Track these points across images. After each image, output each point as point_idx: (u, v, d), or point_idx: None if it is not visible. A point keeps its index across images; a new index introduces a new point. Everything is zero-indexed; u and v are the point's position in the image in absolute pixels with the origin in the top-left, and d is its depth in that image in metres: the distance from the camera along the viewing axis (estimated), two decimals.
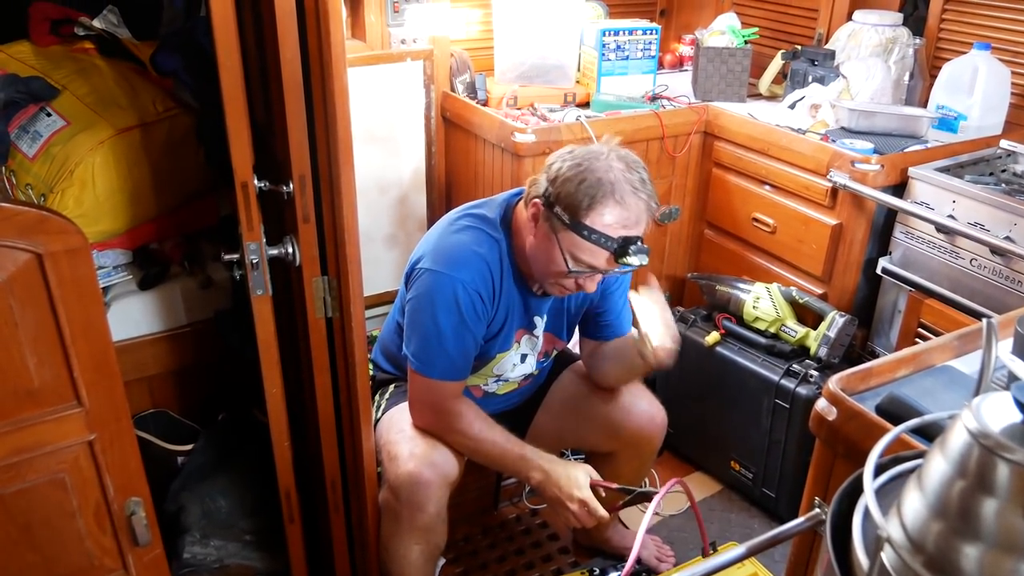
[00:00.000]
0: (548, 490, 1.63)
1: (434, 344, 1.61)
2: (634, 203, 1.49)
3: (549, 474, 1.62)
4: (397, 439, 1.70)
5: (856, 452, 1.08)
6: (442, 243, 1.65)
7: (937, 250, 2.07)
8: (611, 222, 1.49)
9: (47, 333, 1.20)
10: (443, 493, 1.67)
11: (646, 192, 1.52)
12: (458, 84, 2.52)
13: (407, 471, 1.62)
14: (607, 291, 1.79)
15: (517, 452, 1.66)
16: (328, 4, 1.28)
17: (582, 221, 1.49)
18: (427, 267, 1.62)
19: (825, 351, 2.16)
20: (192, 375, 2.15)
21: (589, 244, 1.50)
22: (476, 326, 1.62)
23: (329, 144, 1.40)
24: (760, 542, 0.98)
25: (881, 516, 0.66)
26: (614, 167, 1.50)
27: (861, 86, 2.44)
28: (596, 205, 1.48)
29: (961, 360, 1.27)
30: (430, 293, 1.60)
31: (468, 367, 1.67)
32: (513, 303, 1.69)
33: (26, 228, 1.14)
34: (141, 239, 2.05)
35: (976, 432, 0.64)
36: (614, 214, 1.48)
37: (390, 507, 1.69)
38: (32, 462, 1.26)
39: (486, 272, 1.61)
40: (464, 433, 1.66)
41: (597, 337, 1.85)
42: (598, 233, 1.48)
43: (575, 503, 1.60)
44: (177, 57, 2.00)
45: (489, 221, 1.66)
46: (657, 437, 1.90)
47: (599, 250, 1.50)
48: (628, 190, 1.49)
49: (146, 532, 1.39)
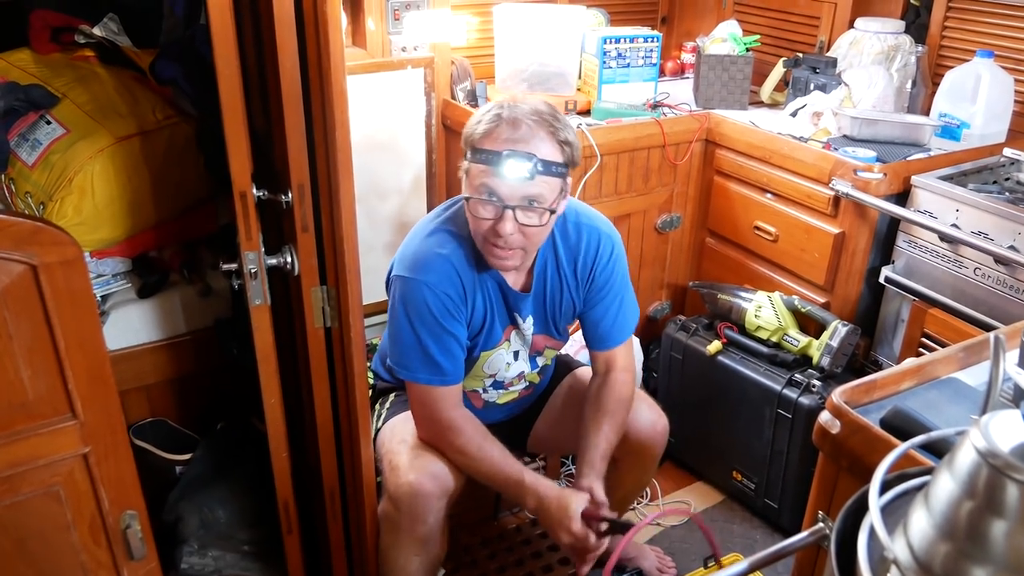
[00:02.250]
0: (541, 518, 1.64)
1: (415, 350, 1.61)
2: (525, 126, 1.50)
3: (542, 502, 1.61)
4: (398, 449, 1.69)
5: (860, 466, 1.07)
6: (409, 248, 1.67)
7: (940, 259, 2.05)
8: (496, 138, 1.50)
9: (41, 345, 1.19)
10: (443, 504, 1.65)
11: (549, 121, 1.52)
12: (459, 92, 2.52)
13: (408, 482, 1.61)
14: (590, 299, 1.76)
15: (515, 477, 1.64)
16: (327, 13, 1.27)
17: (475, 147, 1.53)
18: (396, 274, 1.64)
19: (828, 361, 2.15)
20: (191, 384, 2.14)
21: (479, 165, 1.52)
22: (453, 326, 1.62)
23: (328, 154, 1.39)
24: (763, 556, 0.97)
25: (887, 537, 0.65)
26: (518, 107, 1.53)
27: (863, 94, 2.43)
28: (487, 128, 1.52)
29: (966, 372, 1.26)
30: (402, 300, 1.62)
31: (457, 370, 1.66)
32: (491, 298, 1.68)
33: (21, 239, 1.13)
34: (140, 247, 2.05)
35: (985, 451, 0.62)
36: (500, 132, 1.50)
37: (390, 518, 1.67)
38: (26, 475, 1.25)
39: (451, 272, 1.61)
40: (463, 451, 1.64)
41: (587, 342, 1.84)
42: (484, 151, 1.51)
43: (565, 534, 1.59)
44: (177, 65, 2.00)
45: (454, 220, 1.67)
46: (659, 444, 1.88)
47: (485, 167, 1.51)
48: (521, 117, 1.51)
49: (141, 546, 1.38)
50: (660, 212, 2.60)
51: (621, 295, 1.79)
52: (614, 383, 1.79)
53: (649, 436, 1.85)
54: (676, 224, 2.64)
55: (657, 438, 1.87)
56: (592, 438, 1.71)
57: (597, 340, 1.81)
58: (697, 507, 2.41)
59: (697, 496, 2.45)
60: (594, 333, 1.80)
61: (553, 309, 1.76)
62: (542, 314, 1.76)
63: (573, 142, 1.56)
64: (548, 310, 1.76)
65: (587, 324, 1.80)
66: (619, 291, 1.79)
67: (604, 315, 1.78)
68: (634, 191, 2.50)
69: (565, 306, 1.76)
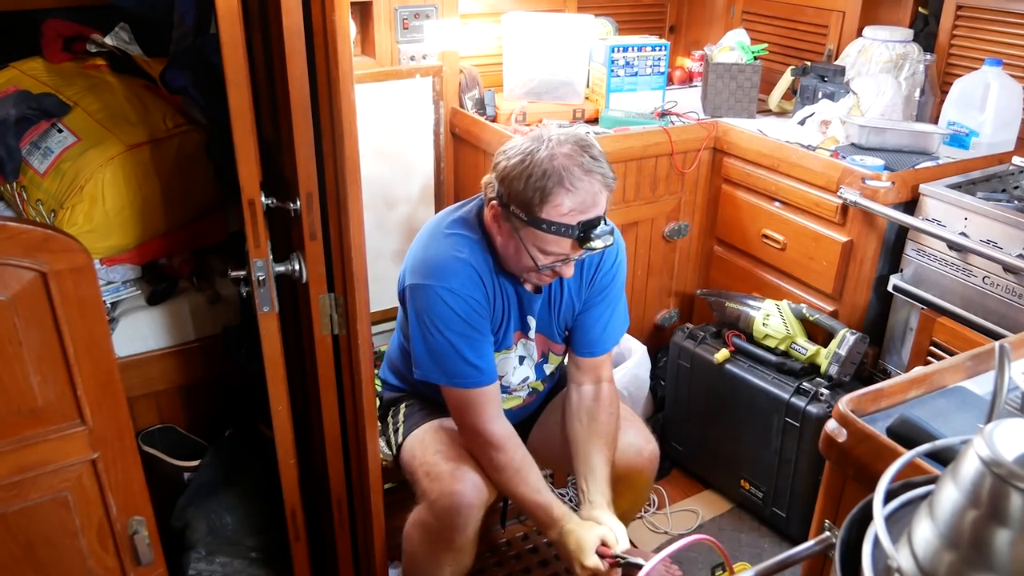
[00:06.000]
0: (559, 549, 1.65)
1: (449, 354, 1.60)
2: (586, 186, 1.47)
3: (562, 535, 1.61)
4: (434, 460, 1.68)
5: (867, 475, 1.06)
6: (425, 255, 1.64)
7: (949, 268, 2.05)
8: (567, 211, 1.47)
9: (51, 351, 1.20)
10: (481, 515, 1.65)
11: (598, 171, 1.49)
12: (467, 100, 2.53)
13: (452, 491, 1.61)
14: (587, 301, 1.76)
15: (545, 507, 1.63)
16: (336, 23, 1.28)
17: (538, 216, 1.48)
18: (415, 282, 1.61)
19: (836, 369, 2.14)
20: (200, 391, 2.15)
21: (551, 236, 1.49)
22: (482, 325, 1.62)
23: (336, 162, 1.40)
24: (769, 565, 0.97)
25: (891, 546, 0.65)
26: (557, 154, 1.48)
27: (871, 102, 2.43)
28: (548, 197, 1.47)
29: (974, 381, 1.26)
30: (427, 309, 1.60)
31: (492, 368, 1.65)
32: (509, 299, 1.68)
33: (31, 246, 1.14)
34: (150, 254, 2.06)
35: (989, 460, 0.62)
36: (568, 202, 1.47)
37: (427, 527, 1.66)
38: (35, 481, 1.26)
39: (474, 276, 1.60)
40: (503, 469, 1.64)
41: (572, 347, 1.81)
42: (556, 224, 1.48)
43: (579, 567, 1.59)
44: (187, 74, 2.01)
45: (467, 223, 1.66)
46: (648, 470, 1.85)
47: (562, 239, 1.49)
48: (577, 174, 1.47)
49: (148, 552, 1.39)
50: (668, 220, 2.60)
51: (616, 303, 1.79)
52: (604, 398, 1.77)
53: (636, 464, 1.82)
54: (684, 232, 2.64)
55: (644, 465, 1.84)
56: (593, 463, 1.70)
57: (585, 344, 1.78)
58: (705, 516, 2.40)
59: (705, 505, 2.44)
60: (584, 337, 1.78)
61: (556, 311, 1.76)
62: (546, 315, 1.76)
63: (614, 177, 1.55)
64: (552, 311, 1.76)
65: (579, 327, 1.79)
66: (615, 298, 1.78)
67: (597, 320, 1.77)
68: (642, 199, 2.50)
69: (565, 307, 1.76)
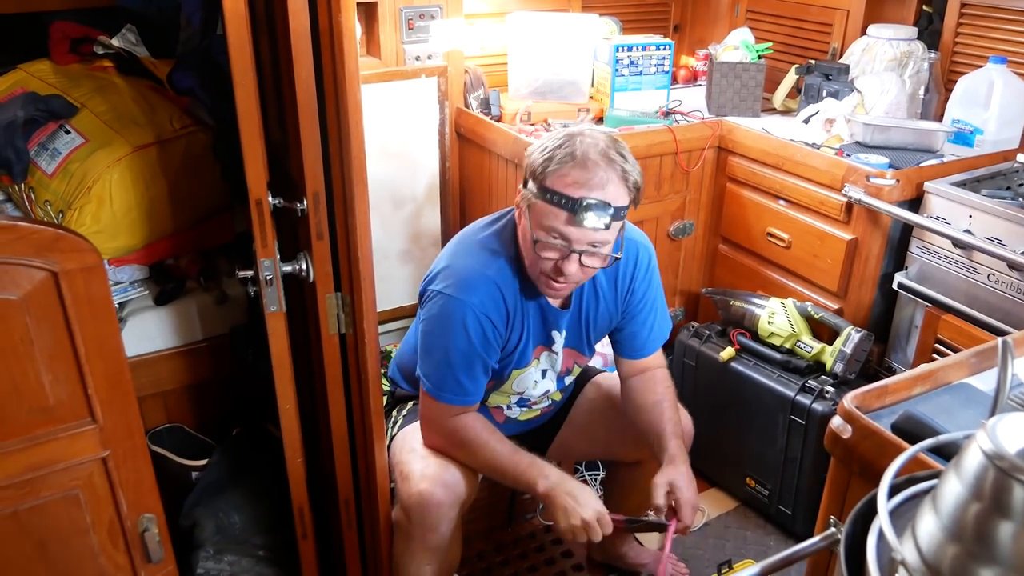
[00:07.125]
0: (558, 497, 1.56)
1: (444, 369, 1.61)
2: (599, 170, 1.47)
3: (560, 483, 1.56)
4: (409, 458, 1.69)
5: (871, 470, 1.07)
6: (456, 264, 1.63)
7: (954, 265, 2.05)
8: (571, 182, 1.46)
9: (62, 350, 1.21)
10: (455, 514, 1.65)
11: (619, 163, 1.49)
12: (472, 100, 2.53)
13: (419, 491, 1.61)
14: (629, 310, 1.75)
15: (526, 459, 1.62)
16: (342, 24, 1.29)
17: (545, 184, 1.48)
18: (439, 290, 1.61)
19: (841, 367, 2.15)
20: (207, 390, 2.16)
21: (550, 207, 1.48)
22: (487, 351, 1.61)
23: (343, 162, 1.41)
24: (774, 561, 0.98)
25: (896, 539, 0.65)
26: (586, 141, 1.49)
27: (876, 100, 2.43)
28: (559, 168, 1.47)
29: (978, 377, 1.26)
30: (441, 317, 1.59)
31: (479, 392, 1.66)
32: (530, 319, 1.67)
33: (42, 246, 1.15)
34: (158, 255, 2.07)
35: (991, 454, 0.63)
36: (574, 174, 1.46)
37: (402, 526, 1.68)
38: (46, 479, 1.27)
39: (496, 295, 1.59)
40: (472, 442, 1.63)
41: (621, 354, 1.82)
42: (557, 194, 1.47)
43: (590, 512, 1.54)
44: (194, 75, 2.02)
45: (501, 236, 1.65)
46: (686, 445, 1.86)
47: (558, 211, 1.47)
48: (594, 158, 1.47)
49: (159, 549, 1.40)
50: (673, 219, 2.60)
51: (656, 304, 1.79)
52: (655, 377, 1.79)
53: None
54: (689, 231, 2.64)
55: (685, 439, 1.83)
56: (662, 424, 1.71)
57: (636, 348, 1.79)
58: (711, 514, 2.40)
59: (711, 503, 2.44)
60: (632, 344, 1.79)
61: (588, 324, 1.74)
62: (577, 329, 1.74)
63: (640, 183, 1.54)
64: (583, 325, 1.74)
65: (624, 336, 1.79)
66: (656, 300, 1.78)
67: (643, 324, 1.78)
68: (647, 198, 2.50)
69: (601, 320, 1.75)
